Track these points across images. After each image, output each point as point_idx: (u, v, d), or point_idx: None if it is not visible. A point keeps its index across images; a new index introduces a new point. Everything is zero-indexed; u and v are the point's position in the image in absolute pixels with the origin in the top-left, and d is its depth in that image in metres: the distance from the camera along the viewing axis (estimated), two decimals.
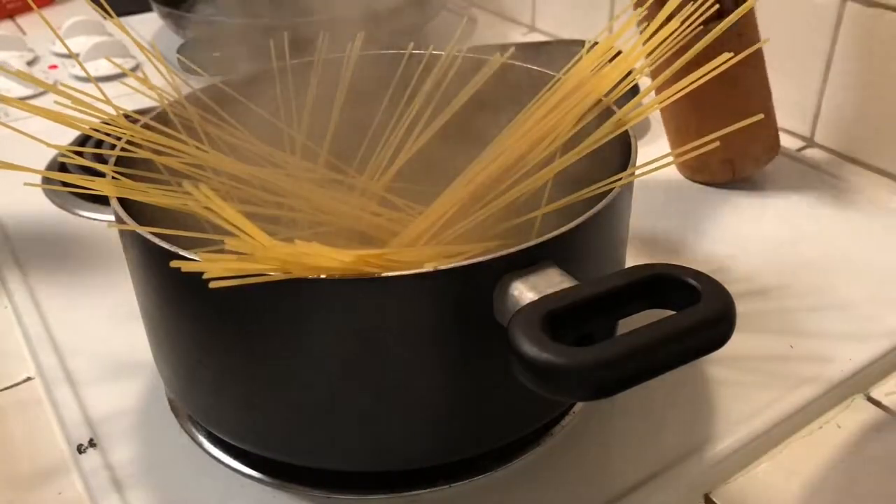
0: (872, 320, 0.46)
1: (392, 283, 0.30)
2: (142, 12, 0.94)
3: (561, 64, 0.42)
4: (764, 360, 0.43)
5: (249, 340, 0.33)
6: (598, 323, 0.30)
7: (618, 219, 0.36)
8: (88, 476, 0.38)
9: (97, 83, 0.39)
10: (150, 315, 0.37)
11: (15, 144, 0.39)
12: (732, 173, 0.59)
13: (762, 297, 0.48)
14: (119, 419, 0.41)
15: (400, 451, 0.35)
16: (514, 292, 0.30)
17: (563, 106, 0.40)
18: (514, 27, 0.91)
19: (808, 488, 0.37)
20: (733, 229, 0.55)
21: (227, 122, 0.42)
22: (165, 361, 0.38)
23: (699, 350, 0.28)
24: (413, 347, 0.32)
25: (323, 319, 0.31)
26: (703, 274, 0.29)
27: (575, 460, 0.38)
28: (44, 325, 0.47)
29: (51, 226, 0.57)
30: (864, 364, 0.43)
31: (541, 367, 0.26)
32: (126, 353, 0.44)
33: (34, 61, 0.84)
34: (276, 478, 0.37)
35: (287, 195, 0.41)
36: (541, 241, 0.31)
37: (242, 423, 0.36)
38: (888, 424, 0.41)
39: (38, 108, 0.35)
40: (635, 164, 0.36)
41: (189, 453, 0.39)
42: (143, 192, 0.35)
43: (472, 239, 0.38)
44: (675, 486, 0.37)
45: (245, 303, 0.31)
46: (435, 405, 0.34)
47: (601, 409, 0.41)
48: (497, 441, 0.36)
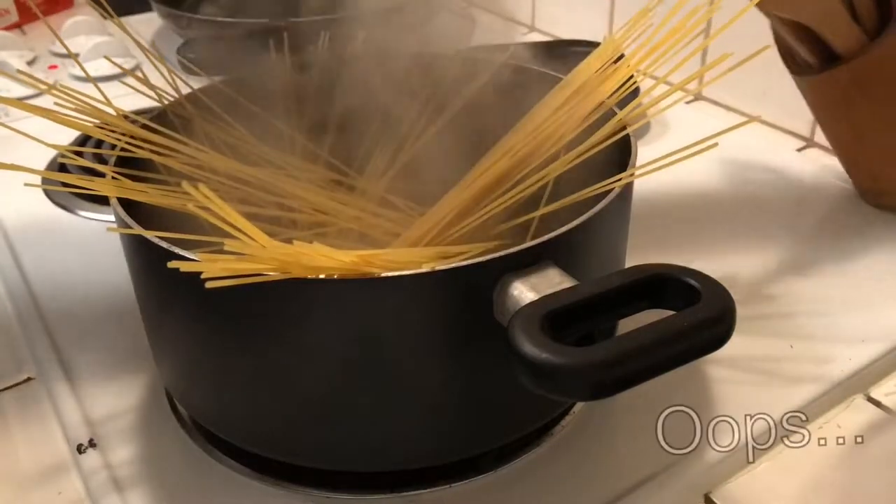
0: (872, 320, 0.46)
1: (392, 283, 0.30)
2: (142, 12, 0.94)
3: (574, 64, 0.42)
4: (764, 360, 0.43)
5: (249, 340, 0.33)
6: (598, 323, 0.30)
7: (618, 219, 0.36)
8: (88, 476, 0.38)
9: (97, 83, 0.39)
10: (150, 315, 0.37)
11: (15, 144, 0.39)
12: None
13: (762, 298, 0.48)
14: (119, 419, 0.41)
15: (400, 451, 0.35)
16: (514, 292, 0.30)
17: (566, 108, 0.40)
18: (514, 27, 0.91)
19: (808, 488, 0.37)
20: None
21: (226, 122, 0.42)
22: (165, 361, 0.38)
23: (699, 350, 0.28)
24: (413, 347, 0.32)
25: (323, 319, 0.31)
26: (703, 274, 0.29)
27: (575, 460, 0.38)
28: (44, 325, 0.47)
29: (51, 226, 0.57)
30: (864, 364, 0.43)
31: (541, 367, 0.26)
32: (126, 353, 0.44)
33: (34, 61, 0.84)
34: (276, 478, 0.37)
35: (287, 196, 0.41)
36: (541, 241, 0.31)
37: (242, 422, 0.36)
38: (888, 424, 0.41)
39: (36, 107, 0.35)
40: (635, 164, 0.36)
41: (189, 453, 0.39)
42: (143, 192, 0.35)
43: (473, 240, 0.38)
44: (675, 486, 0.37)
45: (245, 303, 0.31)
46: (435, 405, 0.34)
47: (601, 409, 0.41)
48: (497, 441, 0.36)
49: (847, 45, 0.47)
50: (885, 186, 0.53)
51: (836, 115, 0.52)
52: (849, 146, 0.54)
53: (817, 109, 0.54)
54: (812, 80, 0.50)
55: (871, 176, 0.54)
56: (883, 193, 0.54)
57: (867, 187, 0.55)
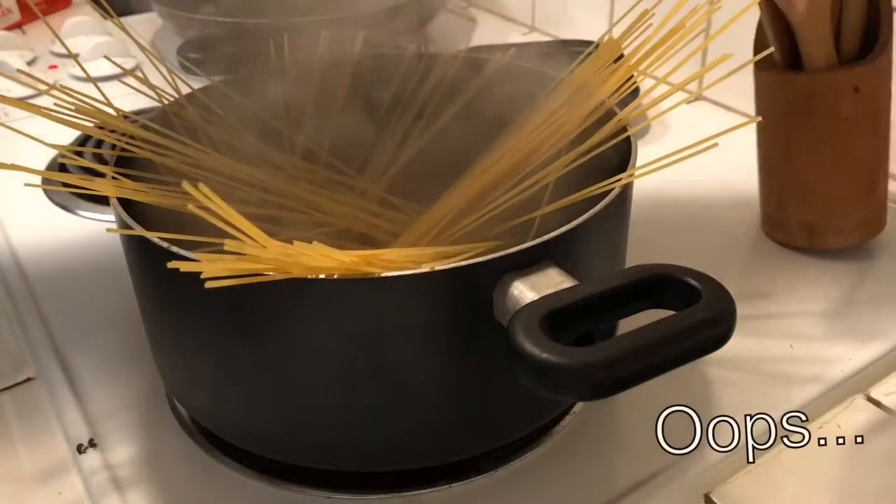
0: (872, 320, 0.46)
1: (392, 283, 0.30)
2: (142, 12, 0.94)
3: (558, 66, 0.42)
4: (764, 360, 0.43)
5: (249, 340, 0.33)
6: (598, 323, 0.30)
7: (618, 219, 0.36)
8: (88, 476, 0.38)
9: (97, 83, 0.39)
10: (149, 315, 0.37)
11: (15, 144, 0.39)
12: (809, 241, 0.51)
13: (763, 298, 0.48)
14: (119, 419, 0.41)
15: (400, 451, 0.35)
16: (514, 292, 0.30)
17: (566, 108, 0.40)
18: (514, 27, 0.91)
19: (808, 488, 0.37)
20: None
21: (226, 122, 0.42)
22: (165, 361, 0.38)
23: (699, 350, 0.28)
24: (413, 347, 0.32)
25: (323, 319, 0.31)
26: (704, 274, 0.29)
27: (575, 460, 0.38)
28: (44, 325, 0.47)
29: (51, 226, 0.57)
30: (864, 364, 0.43)
31: (541, 367, 0.26)
32: (126, 353, 0.44)
33: (34, 61, 0.84)
34: (276, 478, 0.37)
35: (287, 196, 0.41)
36: (541, 241, 0.31)
37: (242, 422, 0.36)
38: (888, 424, 0.41)
39: (36, 107, 0.35)
40: (635, 164, 0.36)
41: (189, 453, 0.39)
42: (143, 192, 0.35)
43: (473, 240, 0.38)
44: (675, 486, 0.37)
45: (245, 303, 0.31)
46: (435, 405, 0.34)
47: (601, 409, 0.41)
48: (497, 441, 0.36)
49: (817, 59, 0.46)
50: (782, 218, 0.51)
51: (775, 123, 0.50)
52: (774, 163, 0.51)
53: (764, 111, 0.51)
54: (769, 76, 0.49)
55: (778, 204, 0.52)
56: (778, 227, 0.52)
57: (769, 214, 0.53)
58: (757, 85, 0.50)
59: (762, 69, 0.49)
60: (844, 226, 0.50)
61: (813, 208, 0.50)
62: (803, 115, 0.47)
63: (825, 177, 0.48)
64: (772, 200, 0.52)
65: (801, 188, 0.50)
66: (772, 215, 0.52)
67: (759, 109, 0.52)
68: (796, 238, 0.51)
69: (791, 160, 0.49)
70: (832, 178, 0.48)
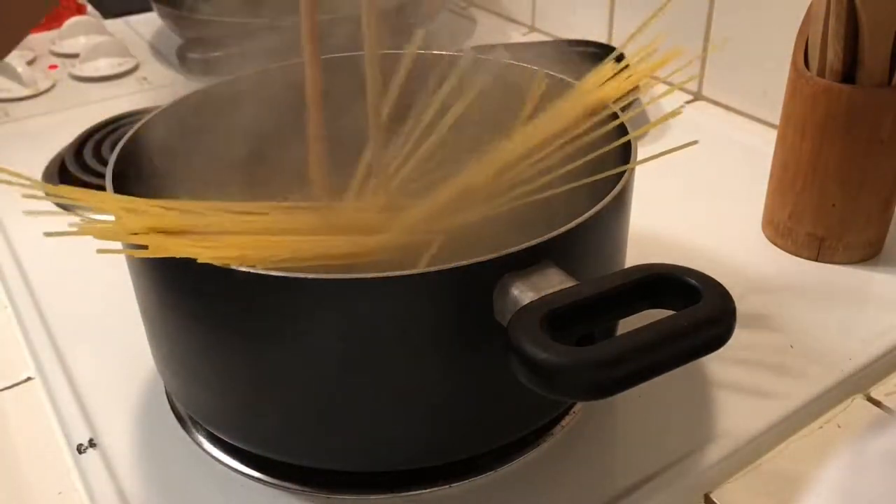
0: (872, 321, 0.46)
1: (392, 283, 0.30)
2: (142, 12, 0.94)
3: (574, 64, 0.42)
4: (764, 360, 0.43)
5: (249, 341, 0.33)
6: (598, 323, 0.30)
7: (618, 219, 0.36)
8: (88, 476, 0.38)
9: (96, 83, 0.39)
10: (149, 315, 0.37)
11: (15, 144, 0.39)
12: (817, 254, 0.51)
13: (763, 298, 0.48)
14: (119, 419, 0.41)
15: (400, 451, 0.35)
16: (514, 292, 0.30)
17: (567, 108, 0.40)
18: (514, 27, 0.91)
19: (808, 488, 0.37)
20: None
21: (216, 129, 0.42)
22: (165, 362, 0.38)
23: (699, 350, 0.28)
24: (413, 347, 0.32)
25: (323, 319, 0.31)
26: (703, 274, 0.29)
27: (575, 460, 0.38)
28: (44, 325, 0.47)
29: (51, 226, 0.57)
30: (864, 364, 0.43)
31: (541, 367, 0.26)
32: (126, 353, 0.44)
33: (34, 61, 0.84)
34: (276, 478, 0.37)
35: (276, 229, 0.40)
36: (541, 241, 0.31)
37: (242, 422, 0.36)
38: (888, 424, 0.41)
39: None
40: (636, 158, 0.36)
41: (189, 453, 0.39)
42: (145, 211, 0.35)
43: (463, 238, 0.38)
44: (675, 486, 0.37)
45: (245, 303, 0.31)
46: (435, 405, 0.34)
47: (601, 409, 0.41)
48: (497, 441, 0.36)
49: (874, 76, 0.46)
50: (792, 228, 0.51)
51: (807, 133, 0.48)
52: (796, 172, 0.50)
53: (797, 119, 0.50)
54: (816, 84, 0.47)
55: (791, 213, 0.51)
56: (785, 235, 0.52)
57: (777, 221, 0.52)
58: (795, 91, 0.49)
59: (803, 77, 0.48)
60: (855, 243, 0.50)
61: (828, 223, 0.50)
62: (841, 129, 0.47)
63: (849, 194, 0.48)
64: (784, 209, 0.52)
65: (822, 202, 0.49)
66: (780, 223, 0.52)
67: (791, 116, 0.50)
68: (802, 249, 0.51)
69: (817, 172, 0.49)
70: (855, 196, 0.48)
